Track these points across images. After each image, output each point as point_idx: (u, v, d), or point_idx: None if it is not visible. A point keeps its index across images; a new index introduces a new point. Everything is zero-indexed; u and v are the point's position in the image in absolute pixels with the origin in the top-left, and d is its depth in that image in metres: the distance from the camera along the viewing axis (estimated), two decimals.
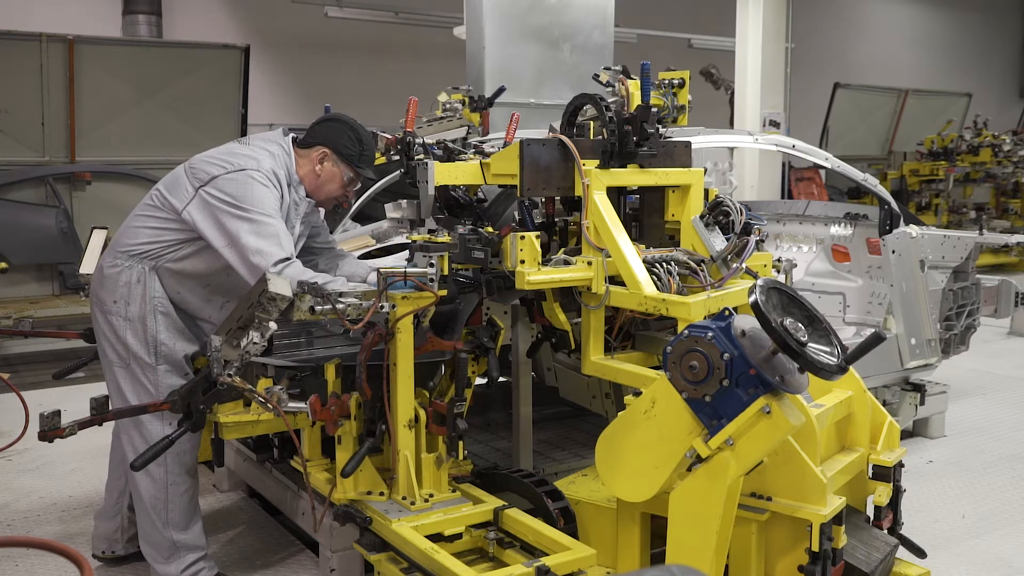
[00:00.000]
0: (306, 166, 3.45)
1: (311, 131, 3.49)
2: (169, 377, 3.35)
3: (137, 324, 3.33)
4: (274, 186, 3.29)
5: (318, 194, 3.49)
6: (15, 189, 8.89)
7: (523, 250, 3.03)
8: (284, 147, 3.44)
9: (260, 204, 3.22)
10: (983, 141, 14.23)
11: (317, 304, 3.00)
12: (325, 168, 3.45)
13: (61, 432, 3.00)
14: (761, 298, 2.47)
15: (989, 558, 3.96)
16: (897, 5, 20.59)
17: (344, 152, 3.44)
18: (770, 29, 10.55)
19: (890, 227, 4.99)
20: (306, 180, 3.45)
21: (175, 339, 3.38)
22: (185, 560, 3.47)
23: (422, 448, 3.23)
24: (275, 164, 3.35)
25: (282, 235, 3.23)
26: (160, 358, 3.35)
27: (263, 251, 3.17)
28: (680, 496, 2.62)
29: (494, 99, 6.24)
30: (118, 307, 3.33)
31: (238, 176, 3.24)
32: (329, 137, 3.44)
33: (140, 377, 3.35)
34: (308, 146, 3.45)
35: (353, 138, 3.46)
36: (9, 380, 5.89)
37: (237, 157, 3.31)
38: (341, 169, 3.47)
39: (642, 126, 3.28)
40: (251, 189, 3.23)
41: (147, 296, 3.33)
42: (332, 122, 3.50)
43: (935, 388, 5.48)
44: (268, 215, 3.22)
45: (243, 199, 3.21)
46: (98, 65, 9.24)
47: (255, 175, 3.25)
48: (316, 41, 13.68)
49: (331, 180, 3.47)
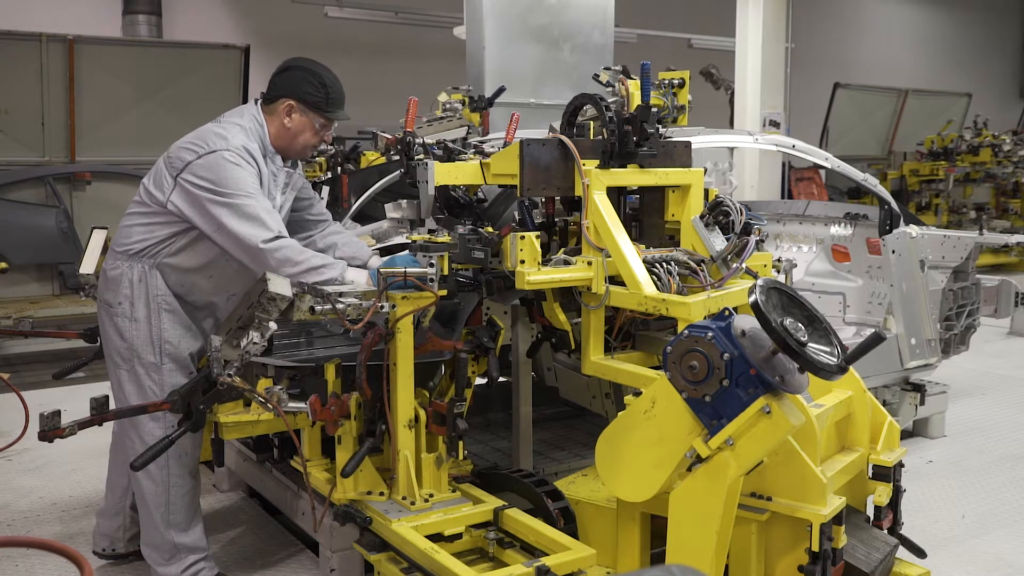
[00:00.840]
0: (275, 122, 3.38)
1: (272, 84, 3.40)
2: (174, 376, 3.35)
3: (143, 324, 3.32)
4: (248, 163, 3.24)
5: (293, 147, 3.42)
6: (15, 189, 8.89)
7: (523, 250, 3.03)
8: (256, 117, 3.38)
9: (236, 185, 3.17)
10: (983, 141, 14.22)
11: (317, 304, 3.01)
12: (294, 120, 3.37)
13: (61, 432, 3.00)
14: (761, 298, 2.47)
15: (989, 558, 3.96)
16: (897, 5, 20.59)
17: (309, 100, 3.36)
18: (770, 29, 10.55)
19: (890, 227, 4.99)
20: (278, 137, 3.39)
21: (180, 337, 3.38)
22: (185, 561, 3.47)
23: (422, 448, 3.23)
24: (247, 139, 3.30)
25: (264, 213, 3.18)
26: (165, 357, 3.35)
27: (250, 234, 3.14)
28: (680, 496, 2.62)
29: (494, 99, 6.24)
30: (123, 308, 3.33)
31: (210, 159, 3.20)
32: (291, 87, 3.36)
33: (143, 379, 3.35)
34: (273, 100, 3.38)
35: (316, 83, 3.37)
36: (9, 380, 5.89)
37: (208, 138, 3.26)
38: (310, 118, 3.39)
39: (642, 126, 3.28)
40: (225, 170, 3.18)
41: (151, 295, 3.33)
42: (291, 71, 3.41)
43: (935, 388, 5.48)
44: (247, 194, 3.18)
45: (219, 182, 3.17)
46: (98, 65, 9.25)
47: (226, 155, 3.20)
48: (316, 41, 13.66)
49: (303, 131, 3.40)
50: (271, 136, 3.39)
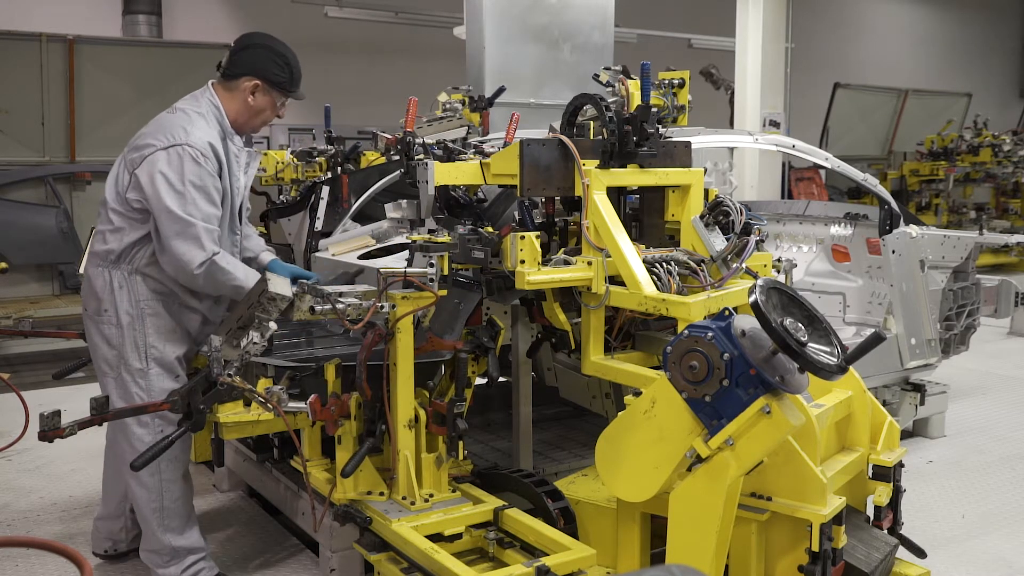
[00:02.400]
0: (237, 99, 3.38)
1: (235, 60, 3.39)
2: (161, 380, 3.34)
3: (127, 329, 3.32)
4: (209, 160, 3.24)
5: (252, 123, 3.45)
6: (15, 189, 8.90)
7: (523, 250, 3.03)
8: (212, 101, 3.38)
9: (192, 188, 3.17)
10: (983, 141, 14.22)
11: (317, 304, 3.01)
12: (257, 99, 3.39)
13: (61, 432, 3.00)
14: (761, 298, 2.47)
15: (989, 558, 3.96)
16: (897, 5, 20.58)
17: (275, 80, 3.39)
18: (770, 29, 10.55)
19: (890, 227, 4.99)
20: (239, 114, 3.40)
21: (165, 341, 3.36)
22: (185, 562, 3.48)
23: (422, 448, 3.23)
24: (209, 130, 3.30)
25: (203, 234, 3.18)
26: (151, 361, 3.33)
27: (186, 255, 3.16)
28: (680, 496, 2.62)
29: (494, 99, 6.24)
30: (109, 315, 3.33)
31: (172, 152, 3.20)
32: (257, 67, 3.37)
33: (130, 385, 3.33)
34: (235, 77, 3.37)
35: (281, 63, 3.39)
36: (9, 380, 5.89)
37: (171, 130, 3.25)
38: (273, 96, 3.42)
39: (642, 126, 3.28)
40: (184, 165, 3.18)
41: (133, 300, 3.32)
42: (255, 48, 3.41)
43: (935, 388, 5.48)
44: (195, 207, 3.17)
45: (177, 179, 3.17)
46: (98, 65, 9.25)
47: (189, 150, 3.20)
48: (316, 41, 13.66)
49: (264, 109, 3.43)
50: (231, 114, 3.39)
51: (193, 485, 3.59)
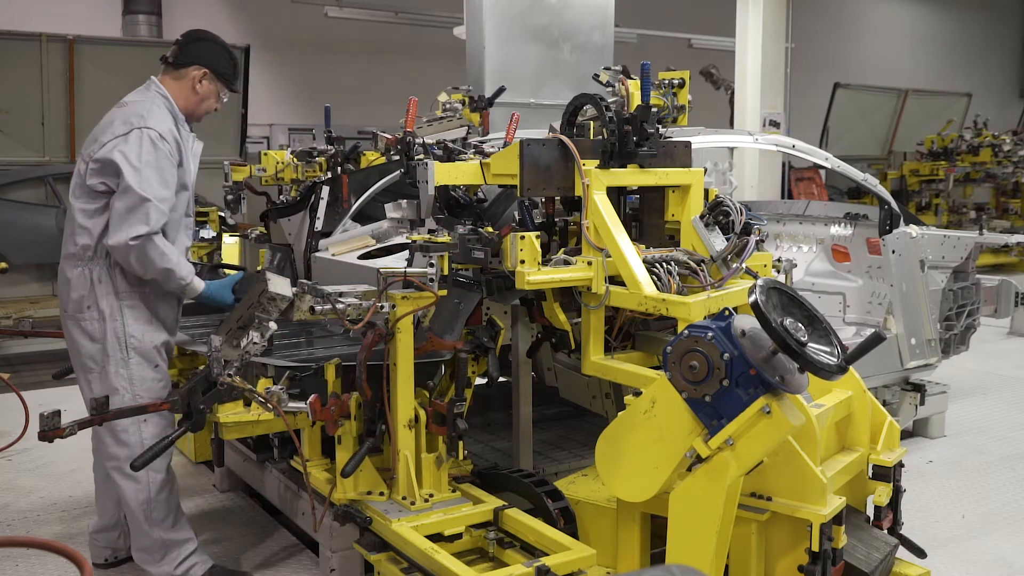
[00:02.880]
0: (184, 88, 3.53)
1: (184, 51, 3.54)
2: (141, 369, 3.41)
3: (108, 323, 3.38)
4: (167, 143, 3.35)
5: (197, 111, 3.59)
6: (15, 189, 8.90)
7: (523, 250, 3.03)
8: (160, 91, 3.50)
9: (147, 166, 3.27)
10: (983, 141, 14.22)
11: (317, 304, 3.01)
12: (204, 86, 3.55)
13: (61, 432, 3.00)
14: (761, 298, 2.47)
15: (989, 558, 3.96)
16: (897, 5, 20.59)
17: (222, 72, 3.58)
18: (770, 29, 10.55)
19: (890, 227, 4.99)
20: (187, 101, 3.54)
21: (144, 330, 3.43)
22: (178, 556, 3.51)
23: (422, 448, 3.23)
24: (165, 116, 3.42)
25: (153, 211, 3.25)
26: (131, 351, 3.40)
27: (127, 226, 3.22)
28: (680, 496, 2.62)
29: (494, 99, 6.24)
30: (91, 311, 3.39)
31: (131, 136, 3.30)
32: (206, 57, 3.55)
33: (113, 377, 3.39)
34: (184, 66, 3.52)
35: (228, 58, 3.61)
36: (9, 380, 5.89)
37: (129, 119, 3.35)
38: (217, 86, 3.59)
39: (642, 126, 3.28)
40: (143, 145, 3.28)
41: (112, 293, 3.38)
42: (204, 41, 3.60)
43: (935, 388, 5.48)
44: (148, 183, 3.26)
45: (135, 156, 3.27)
46: (98, 65, 9.25)
47: (149, 133, 3.31)
48: (316, 41, 13.69)
49: (208, 97, 3.58)
50: (179, 102, 3.53)
51: (176, 478, 3.61)
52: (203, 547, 3.66)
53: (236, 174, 5.76)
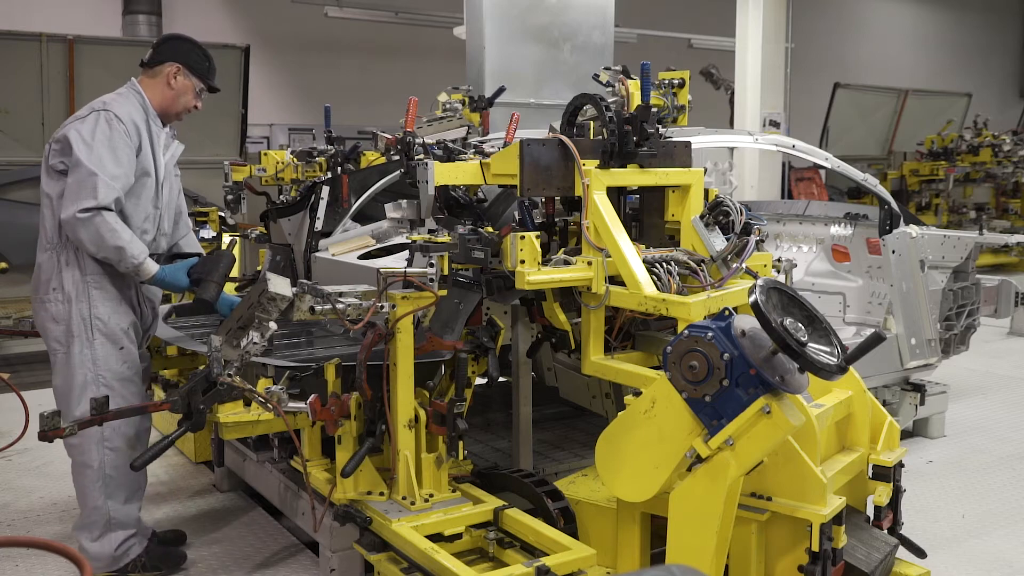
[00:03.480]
0: (159, 84, 3.62)
1: (158, 51, 3.65)
2: (105, 349, 3.47)
3: (74, 304, 3.44)
4: (124, 126, 3.43)
5: (174, 107, 3.66)
6: (15, 189, 8.88)
7: (523, 250, 3.03)
8: (133, 87, 3.61)
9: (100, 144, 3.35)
10: (983, 141, 14.21)
11: (317, 304, 3.01)
12: (178, 82, 3.63)
13: (61, 432, 3.00)
14: (761, 298, 2.47)
15: (989, 558, 3.96)
16: (897, 5, 20.59)
17: (195, 67, 3.66)
18: (770, 29, 10.55)
19: (890, 227, 4.99)
20: (162, 98, 3.62)
21: (111, 312, 3.49)
22: (116, 539, 3.57)
23: (422, 448, 3.23)
24: (128, 104, 3.51)
25: (102, 186, 3.31)
26: (96, 332, 3.46)
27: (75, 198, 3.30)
28: (680, 496, 2.62)
29: (494, 99, 6.24)
30: (56, 293, 3.45)
31: (88, 118, 3.41)
32: (179, 54, 3.64)
33: (76, 357, 3.45)
34: (158, 64, 3.62)
35: (201, 54, 3.70)
36: (9, 380, 5.89)
37: (92, 105, 3.47)
38: (193, 82, 3.67)
39: (642, 126, 3.28)
40: (99, 126, 3.38)
41: (79, 275, 3.45)
42: (177, 40, 3.72)
43: (935, 388, 5.48)
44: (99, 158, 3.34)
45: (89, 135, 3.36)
46: (98, 65, 9.23)
47: (104, 115, 3.41)
48: (316, 41, 13.69)
49: (184, 93, 3.66)
50: (155, 100, 3.61)
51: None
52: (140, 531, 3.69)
53: (236, 174, 5.76)
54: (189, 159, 10.33)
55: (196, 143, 9.67)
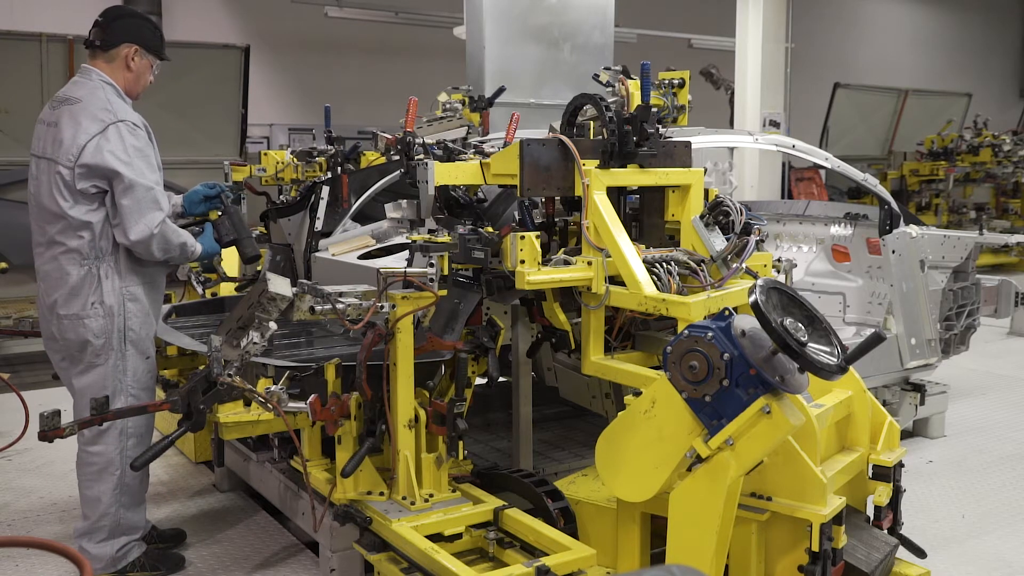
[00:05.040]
0: (118, 69, 3.54)
1: (110, 31, 3.54)
2: (135, 360, 3.56)
3: (115, 318, 3.49)
4: (141, 131, 3.45)
5: (135, 88, 3.61)
6: (15, 189, 8.88)
7: (523, 250, 3.03)
8: (102, 78, 3.52)
9: (139, 158, 3.37)
10: (983, 141, 14.21)
11: (317, 304, 3.01)
12: (137, 63, 3.57)
13: (61, 432, 3.00)
14: (761, 298, 2.48)
15: (989, 558, 3.96)
16: (897, 5, 20.58)
17: (150, 45, 3.60)
18: (770, 29, 10.55)
19: (890, 227, 4.99)
20: (126, 82, 3.56)
21: (141, 324, 3.57)
22: (119, 542, 3.61)
23: (422, 448, 3.23)
24: (123, 103, 3.50)
25: (160, 196, 3.41)
26: (128, 344, 3.53)
27: (148, 219, 3.36)
28: (680, 496, 2.62)
29: (494, 99, 6.24)
30: (97, 308, 3.47)
31: (109, 132, 3.36)
32: (132, 33, 3.56)
33: (112, 368, 3.50)
34: (113, 46, 3.52)
35: (152, 28, 3.66)
36: (9, 380, 5.89)
37: (98, 116, 3.39)
38: (149, 60, 3.62)
39: (642, 126, 3.28)
40: (124, 141, 3.37)
41: (116, 288, 3.49)
42: (127, 18, 3.64)
43: (935, 388, 5.48)
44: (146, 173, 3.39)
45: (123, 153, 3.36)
46: None
47: (123, 127, 3.39)
48: (316, 41, 13.67)
49: (143, 72, 3.61)
50: (120, 84, 3.55)
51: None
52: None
53: (236, 174, 5.76)
54: (189, 159, 10.34)
55: (196, 143, 9.70)
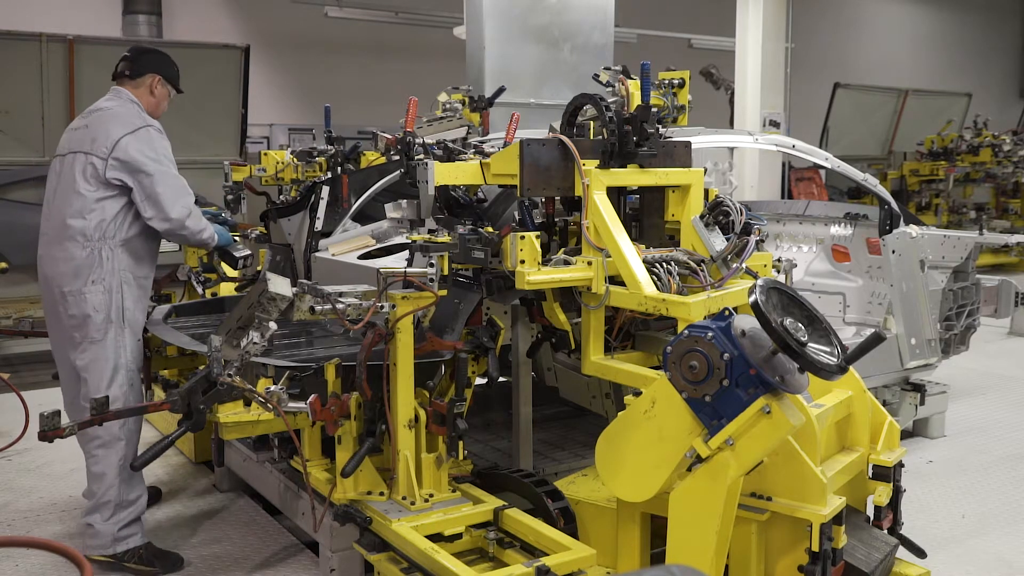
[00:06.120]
0: (143, 93, 3.99)
1: (139, 63, 4.01)
2: (131, 339, 3.78)
3: (114, 295, 3.72)
4: (165, 136, 3.86)
5: (156, 111, 4.04)
6: (15, 189, 8.88)
7: (523, 250, 3.03)
8: (131, 98, 3.93)
9: (168, 156, 3.79)
10: (983, 141, 14.21)
11: (317, 304, 3.01)
12: (159, 91, 4.04)
13: (61, 432, 3.00)
14: (761, 298, 2.48)
15: (989, 558, 3.96)
16: (897, 5, 20.59)
17: (170, 76, 4.08)
18: (770, 29, 10.54)
19: (890, 227, 4.99)
20: (148, 105, 3.99)
21: (136, 306, 3.81)
22: (122, 518, 3.72)
23: (422, 448, 3.23)
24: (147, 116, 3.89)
25: (186, 186, 3.81)
26: (126, 322, 3.76)
27: (182, 205, 3.75)
28: (680, 496, 2.62)
29: (494, 99, 6.24)
30: (97, 285, 3.69)
31: (141, 134, 3.75)
32: (156, 66, 4.04)
33: (112, 342, 3.71)
34: (140, 75, 3.99)
35: (171, 63, 4.12)
36: (9, 380, 5.89)
37: (130, 118, 3.80)
38: (168, 89, 4.10)
39: (642, 126, 3.28)
40: (155, 142, 3.77)
41: (116, 269, 3.73)
42: (152, 53, 4.14)
43: (935, 388, 5.48)
44: (174, 167, 3.80)
45: (154, 152, 3.74)
46: (98, 65, 9.22)
47: (153, 131, 3.80)
48: (316, 41, 13.67)
49: (163, 100, 4.08)
50: (144, 106, 3.97)
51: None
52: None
53: (236, 174, 5.76)
54: (189, 159, 10.31)
55: (196, 143, 9.69)
